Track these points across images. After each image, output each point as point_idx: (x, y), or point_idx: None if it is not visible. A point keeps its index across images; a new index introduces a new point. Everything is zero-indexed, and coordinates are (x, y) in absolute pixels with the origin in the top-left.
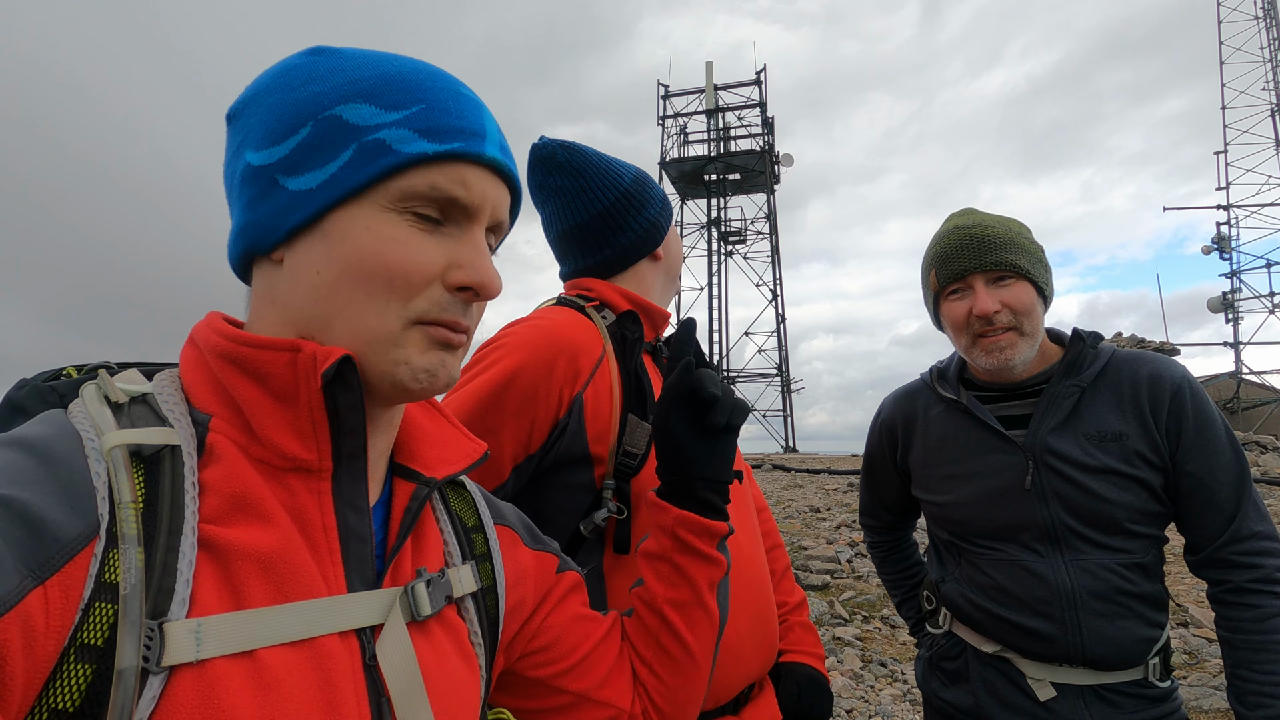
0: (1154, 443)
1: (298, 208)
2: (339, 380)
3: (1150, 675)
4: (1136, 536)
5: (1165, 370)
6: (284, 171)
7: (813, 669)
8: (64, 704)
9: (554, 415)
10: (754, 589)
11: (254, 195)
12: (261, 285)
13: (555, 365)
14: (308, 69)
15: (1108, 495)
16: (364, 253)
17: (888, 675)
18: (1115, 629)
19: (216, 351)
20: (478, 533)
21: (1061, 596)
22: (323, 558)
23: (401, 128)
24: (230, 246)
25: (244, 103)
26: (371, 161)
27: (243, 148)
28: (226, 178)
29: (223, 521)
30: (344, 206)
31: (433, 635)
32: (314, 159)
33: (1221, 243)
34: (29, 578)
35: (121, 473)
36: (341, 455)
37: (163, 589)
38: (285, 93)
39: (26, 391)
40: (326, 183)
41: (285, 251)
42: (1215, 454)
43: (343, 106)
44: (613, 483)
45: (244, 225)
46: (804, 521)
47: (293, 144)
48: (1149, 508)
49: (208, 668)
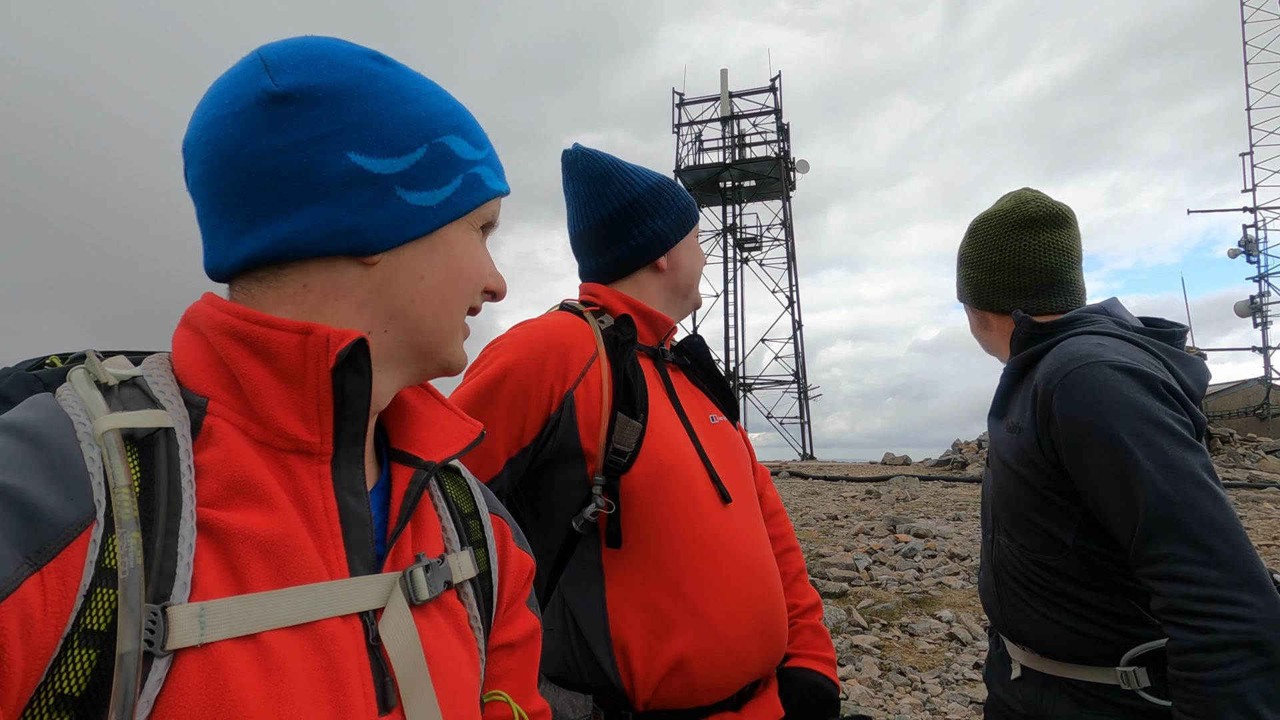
0: (1035, 443)
1: (419, 221)
2: (350, 363)
3: (1126, 684)
4: (1043, 535)
5: (1050, 366)
6: (403, 185)
7: (818, 674)
8: (70, 689)
9: (546, 410)
10: (757, 589)
11: (368, 200)
12: (325, 280)
13: (547, 362)
14: (398, 85)
15: (1005, 486)
16: (463, 261)
17: (906, 684)
18: (1035, 614)
19: (224, 328)
20: (474, 519)
21: (991, 568)
22: (324, 541)
23: (485, 166)
24: (298, 242)
25: (322, 92)
26: (474, 192)
27: (337, 143)
28: (273, 161)
29: (222, 505)
30: (451, 224)
31: (433, 619)
32: (430, 179)
33: (1248, 245)
34: (25, 565)
35: (115, 457)
36: (342, 438)
37: (163, 573)
38: (388, 105)
39: (9, 381)
40: (444, 204)
41: (385, 256)
42: (1093, 463)
43: (448, 137)
44: (603, 479)
45: (353, 227)
46: (821, 529)
47: (412, 161)
48: (1044, 509)
49: (212, 650)
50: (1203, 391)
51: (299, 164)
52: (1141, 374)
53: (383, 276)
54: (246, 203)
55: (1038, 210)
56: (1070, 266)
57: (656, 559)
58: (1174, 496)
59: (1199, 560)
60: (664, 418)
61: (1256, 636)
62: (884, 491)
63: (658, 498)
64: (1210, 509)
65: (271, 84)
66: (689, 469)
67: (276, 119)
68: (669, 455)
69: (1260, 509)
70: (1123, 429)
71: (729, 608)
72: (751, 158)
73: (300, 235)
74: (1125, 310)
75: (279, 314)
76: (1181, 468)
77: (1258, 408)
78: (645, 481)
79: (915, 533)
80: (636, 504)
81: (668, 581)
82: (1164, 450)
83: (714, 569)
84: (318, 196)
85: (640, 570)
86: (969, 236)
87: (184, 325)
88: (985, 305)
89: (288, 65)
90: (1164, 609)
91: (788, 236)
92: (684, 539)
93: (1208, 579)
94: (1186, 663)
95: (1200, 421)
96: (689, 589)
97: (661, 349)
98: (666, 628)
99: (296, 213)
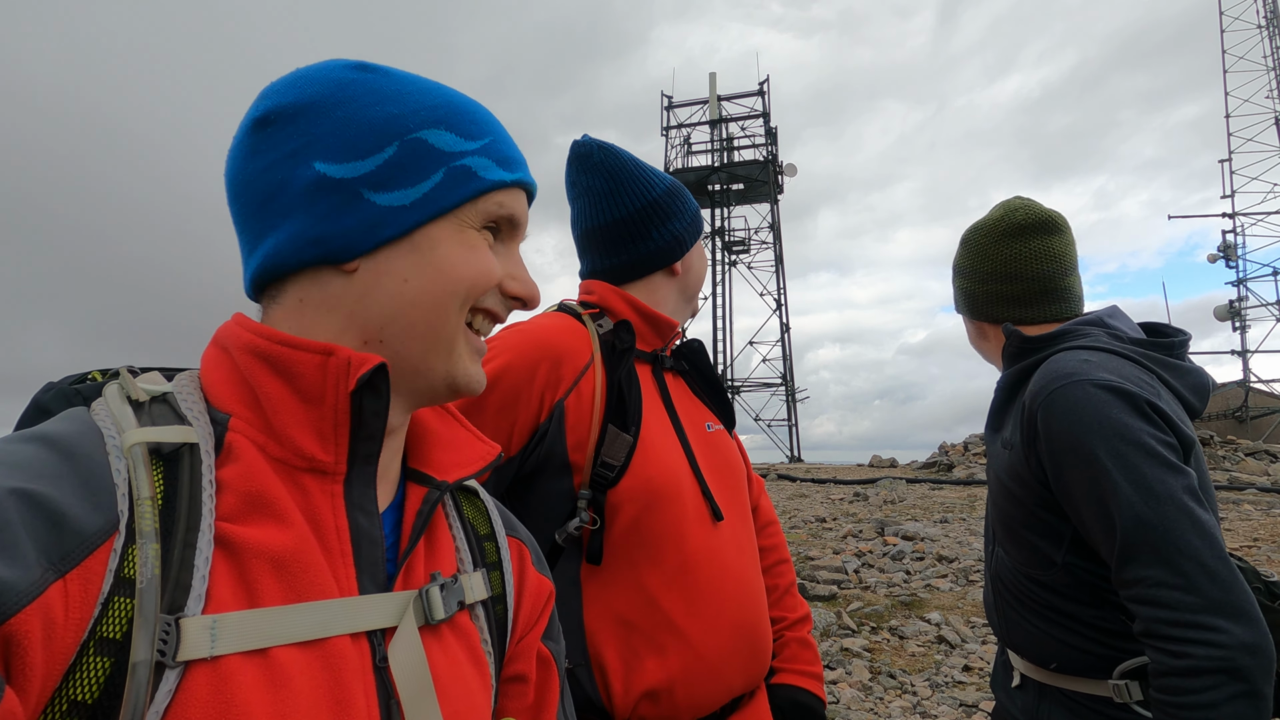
0: (1024, 460)
1: (390, 222)
2: (369, 387)
3: (1119, 697)
4: (1035, 551)
5: (1036, 384)
6: (370, 187)
7: (803, 691)
8: (83, 695)
9: (535, 419)
10: (741, 608)
11: (333, 206)
12: (315, 294)
13: (538, 369)
14: (374, 88)
15: (999, 502)
16: (452, 262)
17: (897, 687)
18: (1030, 626)
19: (248, 348)
20: (489, 541)
21: (990, 580)
22: (335, 559)
23: (479, 157)
24: (279, 256)
25: (292, 109)
26: (463, 184)
27: (304, 156)
28: (258, 183)
29: (239, 520)
30: (434, 222)
31: (445, 640)
32: (403, 177)
33: (1227, 251)
34: (51, 571)
35: (141, 469)
36: (356, 459)
37: (179, 585)
38: (357, 109)
39: (53, 394)
40: (420, 201)
41: (364, 261)
42: (1075, 483)
43: (426, 131)
44: (588, 492)
45: (321, 235)
46: (810, 531)
47: (379, 161)
48: (1035, 525)
49: (221, 664)
50: (1203, 400)
51: (276, 182)
52: (1125, 393)
53: (365, 283)
54: (248, 226)
55: (1026, 217)
56: (1064, 273)
57: (636, 576)
58: (1151, 519)
59: (1174, 585)
60: (657, 430)
61: (1230, 663)
62: (872, 494)
63: (645, 514)
64: (1188, 532)
65: (255, 111)
66: (679, 485)
67: (258, 143)
68: (658, 470)
69: (1240, 510)
70: (1102, 450)
71: (711, 627)
72: (739, 161)
73: (280, 250)
74: (1125, 319)
75: (283, 330)
76: (1161, 490)
77: (1237, 410)
78: (632, 497)
79: (903, 535)
80: (622, 520)
81: (648, 599)
82: (1143, 472)
83: (697, 588)
84: (292, 210)
85: (618, 587)
86: (961, 247)
87: (214, 344)
88: (980, 315)
89: (271, 91)
90: (1142, 632)
91: (775, 239)
92: (668, 557)
93: (1182, 604)
94: (1164, 686)
95: (1189, 440)
96: (670, 607)
97: (661, 355)
98: (645, 646)
99: (277, 229)
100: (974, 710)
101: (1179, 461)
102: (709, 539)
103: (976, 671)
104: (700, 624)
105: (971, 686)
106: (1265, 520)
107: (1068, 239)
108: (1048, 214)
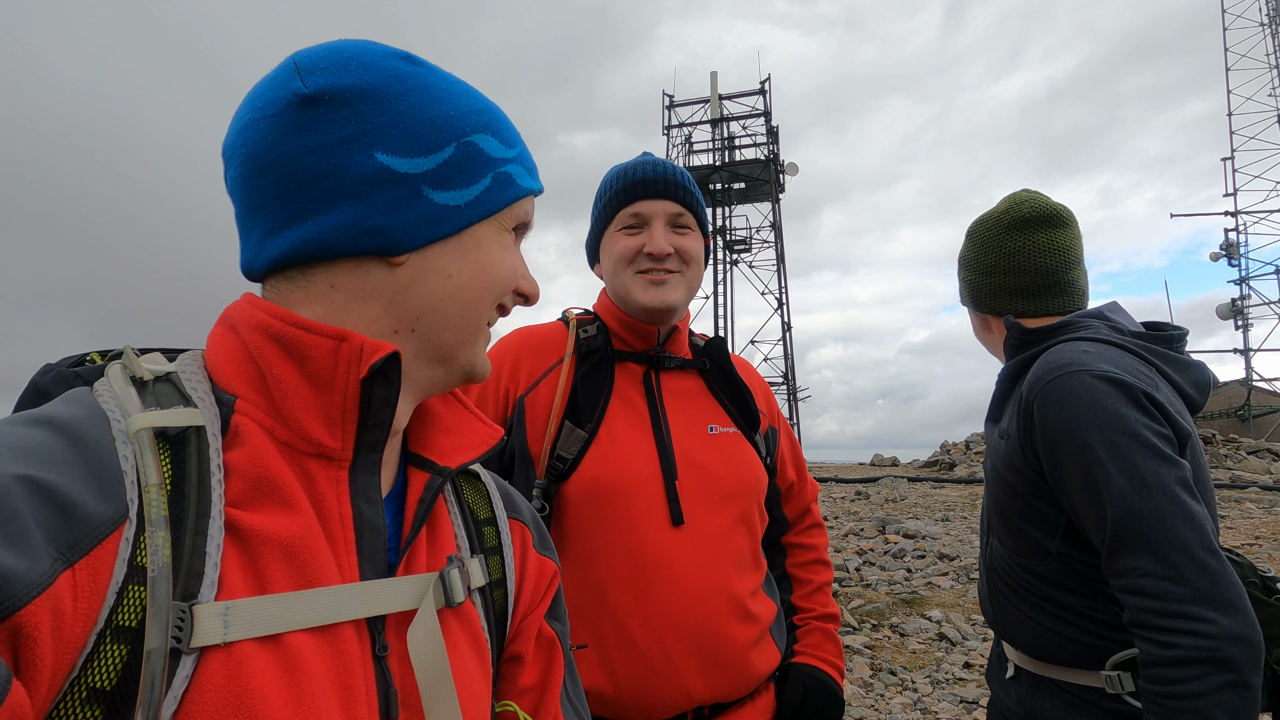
0: (1021, 450)
1: (446, 220)
2: (380, 374)
3: (1111, 688)
4: (1030, 541)
5: (1034, 374)
6: (431, 184)
7: (823, 673)
8: (102, 683)
9: (503, 413)
10: (692, 610)
11: (394, 199)
12: (352, 281)
13: (501, 367)
14: (427, 85)
15: (995, 492)
16: (492, 260)
17: (897, 684)
18: (1023, 616)
19: (261, 327)
20: (489, 525)
21: (984, 571)
22: (338, 546)
23: (517, 164)
24: (326, 241)
25: (349, 93)
26: (506, 190)
27: (364, 144)
28: (302, 162)
29: (247, 506)
30: (481, 223)
31: (449, 626)
32: (458, 178)
33: (1230, 249)
34: (59, 560)
35: (148, 455)
36: (362, 446)
37: (191, 571)
38: (415, 105)
39: (51, 377)
40: (472, 202)
41: (413, 255)
42: (1069, 473)
43: (477, 136)
44: (543, 482)
45: (379, 226)
46: None
47: (439, 160)
48: (1030, 515)
49: (235, 650)
50: (1204, 395)
51: (327, 164)
52: (1122, 383)
53: (410, 276)
54: (278, 203)
55: (1031, 210)
56: (1068, 267)
57: (585, 571)
58: (1142, 510)
59: (1163, 575)
60: (624, 430)
61: (1218, 653)
62: (873, 492)
63: (592, 510)
64: (1178, 524)
65: (302, 86)
66: (635, 485)
67: (306, 121)
68: (609, 468)
69: (1242, 509)
70: (1096, 440)
71: (658, 629)
72: (741, 160)
73: (327, 235)
74: (1125, 314)
75: (305, 313)
76: (1153, 481)
77: (1239, 409)
78: (582, 494)
79: (904, 533)
80: (570, 513)
81: (596, 594)
82: (1136, 463)
83: (649, 588)
84: (345, 196)
85: (569, 579)
86: (967, 239)
87: (221, 323)
88: (984, 307)
89: (318, 68)
90: (1131, 621)
91: (777, 239)
92: (616, 555)
93: (1170, 594)
94: (1152, 676)
95: (1185, 433)
96: (616, 604)
97: (659, 354)
98: (592, 640)
99: (324, 213)
100: (974, 706)
101: (1173, 453)
102: (662, 542)
103: (977, 668)
104: (647, 625)
105: (972, 683)
106: (1267, 518)
107: (1073, 233)
108: (1054, 207)
